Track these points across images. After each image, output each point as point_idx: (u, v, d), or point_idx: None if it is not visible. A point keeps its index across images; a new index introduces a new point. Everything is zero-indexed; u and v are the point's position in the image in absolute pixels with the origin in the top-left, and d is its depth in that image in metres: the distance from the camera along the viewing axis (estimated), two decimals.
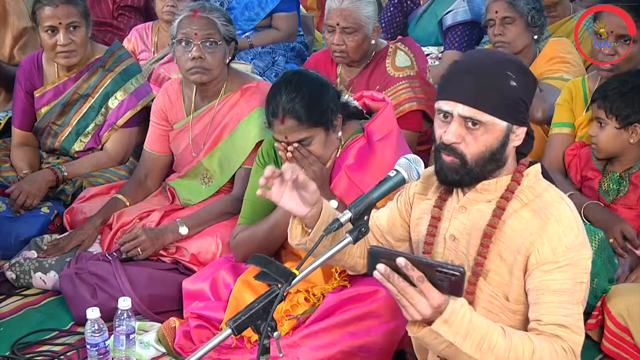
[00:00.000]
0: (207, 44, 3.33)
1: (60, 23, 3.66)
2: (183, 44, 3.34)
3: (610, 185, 3.27)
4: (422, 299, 1.86)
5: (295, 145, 2.80)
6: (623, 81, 3.19)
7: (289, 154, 2.80)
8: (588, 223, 3.13)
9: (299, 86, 2.78)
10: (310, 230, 2.17)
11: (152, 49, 4.46)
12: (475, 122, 2.07)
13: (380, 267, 1.87)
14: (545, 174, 2.21)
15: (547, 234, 2.07)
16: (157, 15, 4.48)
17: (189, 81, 3.46)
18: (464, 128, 2.09)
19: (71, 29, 3.68)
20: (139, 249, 3.27)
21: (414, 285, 1.86)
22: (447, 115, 2.11)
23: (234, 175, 3.44)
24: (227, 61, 3.43)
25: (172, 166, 3.68)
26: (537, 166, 2.20)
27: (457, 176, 2.13)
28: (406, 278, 1.86)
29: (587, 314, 3.00)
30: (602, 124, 3.20)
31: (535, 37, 3.86)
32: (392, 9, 4.94)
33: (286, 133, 2.79)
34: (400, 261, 1.84)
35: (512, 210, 2.14)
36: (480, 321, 1.95)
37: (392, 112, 3.00)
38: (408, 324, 1.94)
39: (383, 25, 4.81)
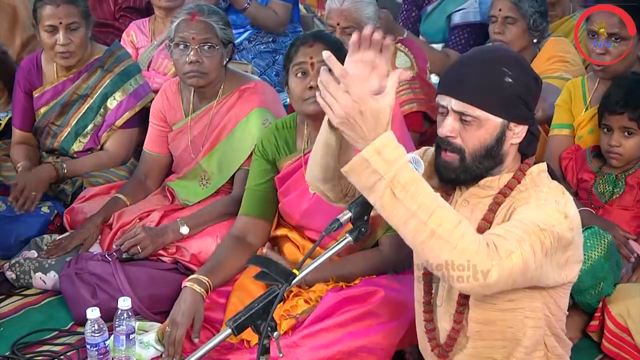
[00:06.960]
0: (205, 47, 3.32)
1: (60, 23, 3.65)
2: (181, 47, 3.33)
3: (606, 186, 3.26)
4: (345, 94, 1.83)
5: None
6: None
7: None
8: (597, 226, 3.09)
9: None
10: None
11: (150, 36, 4.46)
12: (468, 117, 2.08)
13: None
14: (552, 174, 2.20)
15: (530, 200, 2.05)
16: (155, 3, 4.45)
17: (186, 84, 3.46)
18: (459, 123, 2.10)
19: (71, 29, 3.68)
20: (139, 247, 3.26)
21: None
22: (444, 109, 2.13)
23: (232, 177, 3.44)
24: (224, 63, 3.43)
25: (172, 167, 3.67)
26: (542, 165, 2.19)
27: (454, 175, 2.14)
28: None
29: (589, 316, 3.00)
30: (630, 134, 3.15)
31: (535, 40, 3.86)
32: (407, 4, 4.95)
33: (312, 54, 2.85)
34: (325, 54, 1.84)
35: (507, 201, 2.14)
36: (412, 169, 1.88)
37: (396, 108, 2.99)
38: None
39: (401, 20, 4.82)
